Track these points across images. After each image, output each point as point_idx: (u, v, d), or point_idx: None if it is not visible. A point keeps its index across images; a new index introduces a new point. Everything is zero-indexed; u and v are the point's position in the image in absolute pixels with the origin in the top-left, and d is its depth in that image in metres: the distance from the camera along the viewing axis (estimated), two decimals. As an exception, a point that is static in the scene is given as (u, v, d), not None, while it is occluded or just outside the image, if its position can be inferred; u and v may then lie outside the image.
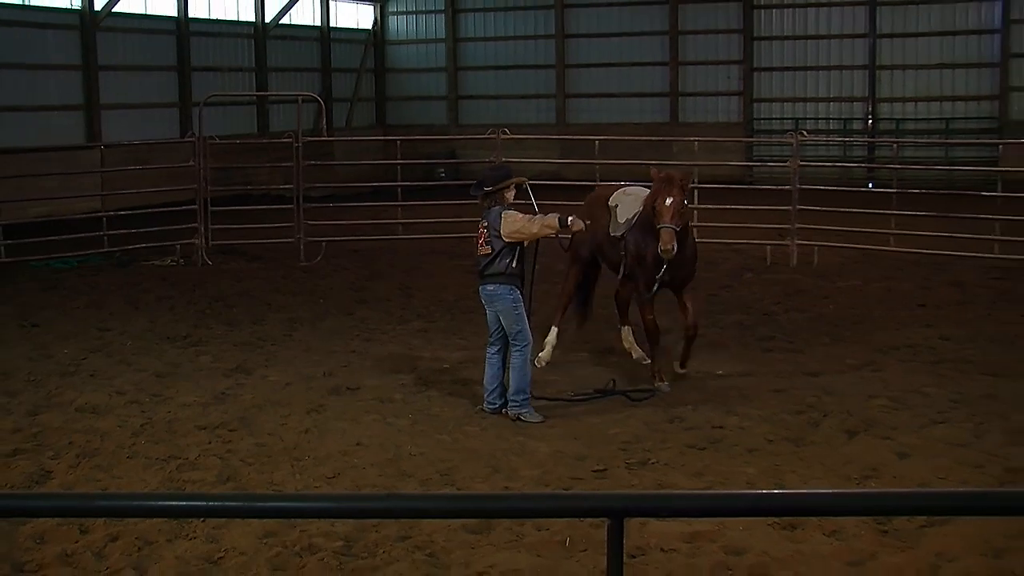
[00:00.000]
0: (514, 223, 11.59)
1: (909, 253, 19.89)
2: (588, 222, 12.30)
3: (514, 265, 11.69)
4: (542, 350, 13.30)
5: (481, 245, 11.82)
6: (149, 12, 32.13)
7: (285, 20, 36.42)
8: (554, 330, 13.56)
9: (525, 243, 11.82)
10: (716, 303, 14.04)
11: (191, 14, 33.11)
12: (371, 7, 40.95)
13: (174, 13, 32.72)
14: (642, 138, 27.62)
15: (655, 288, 12.65)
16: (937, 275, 18.82)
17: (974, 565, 8.16)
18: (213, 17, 34.31)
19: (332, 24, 39.02)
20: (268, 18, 35.86)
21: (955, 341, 14.52)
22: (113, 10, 30.12)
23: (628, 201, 13.04)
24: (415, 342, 14.96)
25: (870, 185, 29.47)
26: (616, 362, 13.62)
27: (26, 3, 28.68)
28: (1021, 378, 12.78)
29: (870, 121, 35.96)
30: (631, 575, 8.01)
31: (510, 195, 11.88)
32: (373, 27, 41.05)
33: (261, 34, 35.74)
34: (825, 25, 36.31)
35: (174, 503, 5.12)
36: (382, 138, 35.50)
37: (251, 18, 35.63)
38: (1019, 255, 19.32)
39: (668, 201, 11.98)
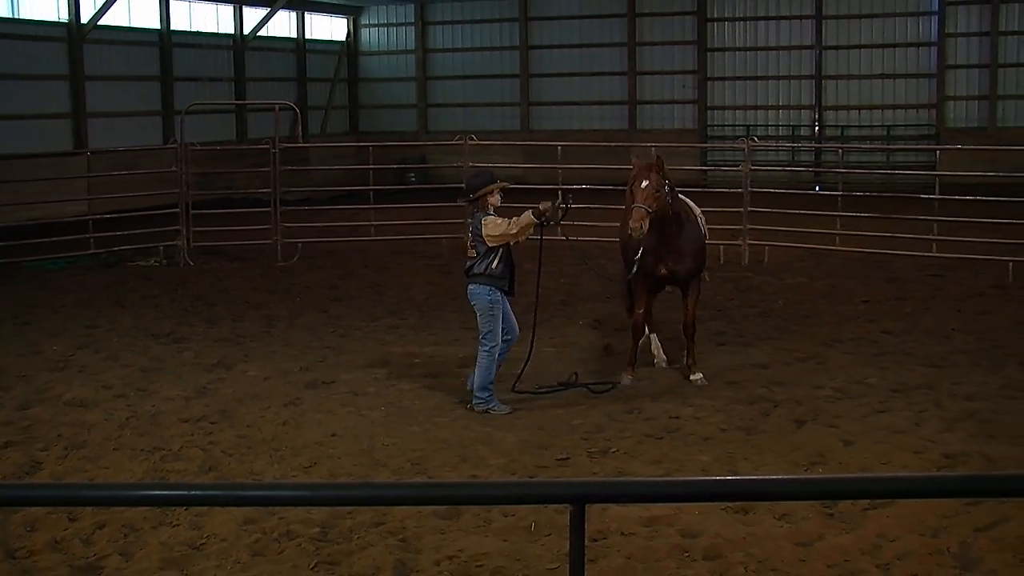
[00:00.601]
0: (495, 228, 11.50)
1: (853, 252, 19.99)
2: (568, 202, 11.85)
3: (495, 267, 11.59)
4: (657, 356, 13.23)
5: (468, 248, 11.80)
6: (133, 25, 31.94)
7: (263, 32, 36.26)
8: (653, 336, 13.40)
9: (511, 244, 11.71)
10: (671, 299, 14.08)
11: (173, 27, 32.94)
12: (345, 20, 40.82)
13: (157, 26, 32.54)
14: (602, 144, 27.69)
15: (633, 270, 12.35)
16: (879, 273, 18.92)
17: (913, 544, 8.22)
18: (194, 30, 34.13)
19: (307, 36, 38.88)
20: (247, 30, 35.69)
21: (895, 334, 14.61)
22: (99, 23, 29.94)
23: (694, 207, 12.88)
24: (387, 338, 14.94)
25: (817, 188, 29.64)
26: (578, 356, 13.64)
27: (17, 17, 28.50)
28: (957, 369, 12.87)
29: (817, 128, 36.11)
30: (593, 558, 8.03)
31: (494, 199, 11.73)
32: (347, 39, 40.92)
33: (240, 46, 35.58)
34: (774, 37, 36.46)
35: (158, 492, 5.10)
36: (355, 144, 35.36)
37: (230, 30, 35.47)
38: (955, 254, 19.46)
39: (643, 184, 11.66)
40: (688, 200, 12.98)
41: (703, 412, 11.45)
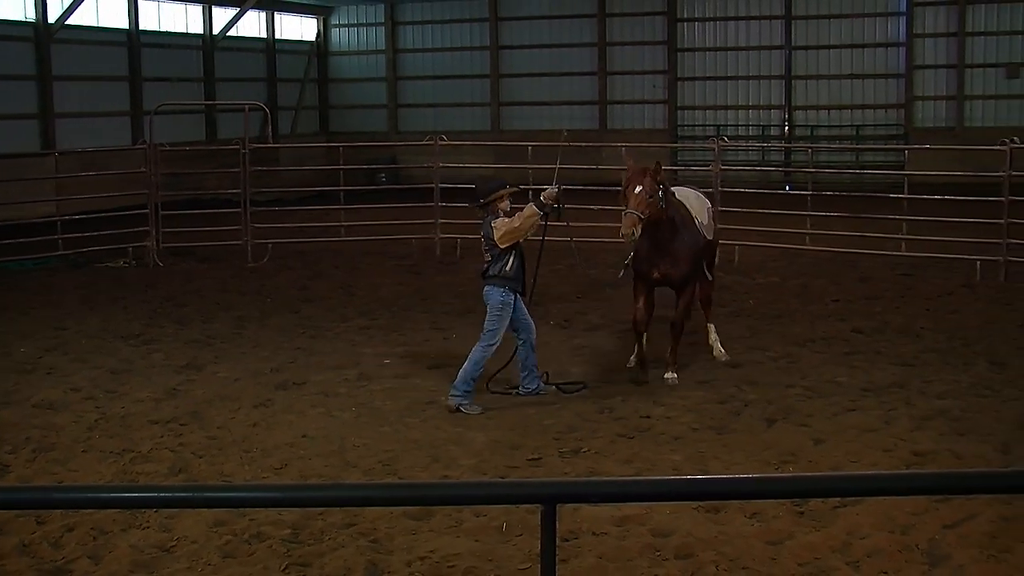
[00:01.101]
0: (501, 228, 11.58)
1: (823, 251, 20.08)
2: (557, 188, 11.83)
3: (508, 268, 11.66)
4: (717, 349, 13.31)
5: (484, 254, 11.86)
6: (101, 25, 31.75)
7: (232, 32, 36.12)
8: (710, 326, 13.56)
9: (521, 243, 11.78)
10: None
11: (142, 26, 32.77)
12: (315, 20, 40.72)
13: (125, 25, 32.37)
14: (572, 144, 27.66)
15: (620, 273, 12.58)
16: (849, 272, 19.01)
17: (882, 541, 8.26)
18: (163, 29, 33.97)
19: (277, 36, 38.77)
20: (216, 30, 35.55)
21: (865, 333, 14.68)
22: (67, 23, 29.75)
23: (695, 204, 12.89)
24: (358, 339, 14.91)
25: (787, 188, 29.81)
26: (550, 356, 13.65)
27: (-18, 17, 28.32)
28: (927, 367, 12.94)
29: (786, 128, 36.26)
30: (564, 557, 8.04)
31: (504, 204, 11.80)
32: (316, 39, 40.82)
33: (209, 46, 35.44)
34: (744, 37, 36.59)
35: (128, 494, 5.07)
36: (325, 145, 35.28)
37: (200, 30, 35.32)
38: (924, 253, 19.57)
39: (637, 189, 11.65)
40: (692, 196, 13.04)
41: (674, 411, 11.48)
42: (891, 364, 13.11)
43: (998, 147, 18.75)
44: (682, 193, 12.94)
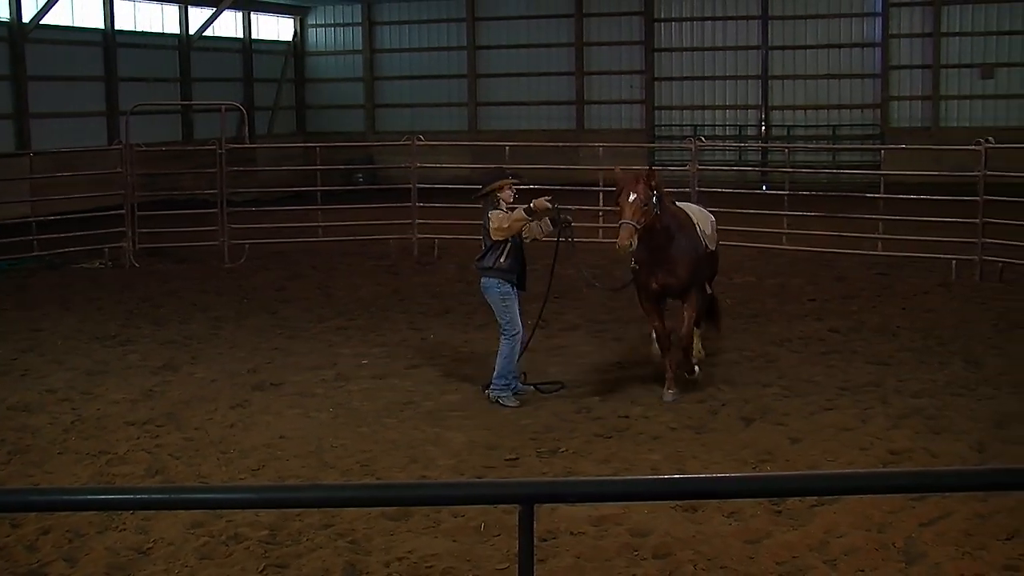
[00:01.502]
0: (494, 221, 11.67)
1: (800, 251, 20.14)
2: (553, 205, 11.74)
3: (502, 260, 11.72)
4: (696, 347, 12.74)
5: (481, 243, 11.96)
6: (77, 24, 31.60)
7: (209, 32, 36.01)
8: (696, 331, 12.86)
9: (520, 241, 11.84)
10: (621, 299, 14.15)
11: (118, 26, 32.63)
12: (291, 20, 40.64)
13: (101, 25, 32.23)
14: (550, 144, 27.73)
15: (621, 286, 12.68)
16: (825, 271, 19.08)
17: (859, 540, 8.30)
18: (139, 29, 33.84)
19: (254, 36, 38.67)
20: (192, 30, 35.43)
21: (842, 333, 14.73)
22: (41, 22, 29.60)
23: (697, 213, 12.63)
24: (335, 339, 14.88)
25: (764, 187, 29.87)
26: (527, 356, 13.64)
27: (-44, 16, 28.15)
28: (903, 366, 13.00)
29: (763, 127, 36.37)
30: (542, 557, 8.04)
31: (506, 195, 11.82)
32: (293, 39, 40.74)
33: (185, 46, 35.32)
34: (721, 38, 36.68)
35: (104, 496, 5.04)
36: (302, 145, 35.21)
37: (176, 30, 35.20)
38: (900, 252, 19.66)
39: (631, 197, 11.24)
40: (696, 209, 12.79)
41: (652, 411, 11.49)
42: (867, 363, 13.16)
43: (973, 147, 18.84)
44: (685, 207, 12.67)
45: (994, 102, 34.44)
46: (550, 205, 11.80)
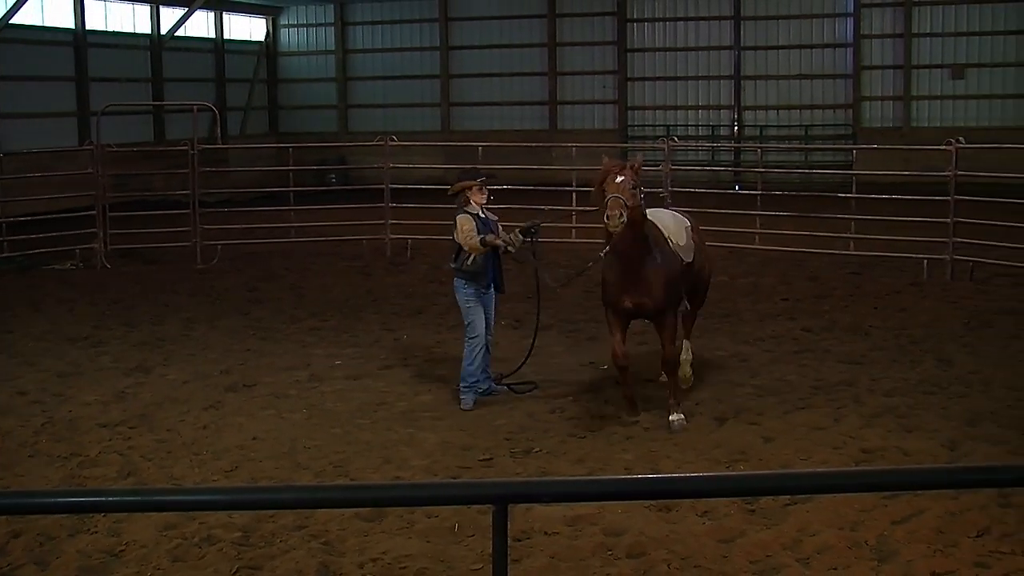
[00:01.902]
0: (459, 232, 11.61)
1: (772, 250, 20.21)
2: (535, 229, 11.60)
3: (469, 262, 11.65)
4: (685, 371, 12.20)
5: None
6: (47, 24, 31.39)
7: (180, 32, 35.83)
8: (686, 343, 12.38)
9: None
10: (592, 298, 14.17)
11: (88, 26, 32.42)
12: (263, 20, 40.49)
13: (71, 25, 32.02)
14: (523, 144, 27.72)
15: (566, 281, 12.62)
16: (798, 271, 19.15)
17: (832, 538, 8.34)
18: (110, 29, 33.65)
19: (226, 36, 38.49)
20: (164, 30, 35.24)
21: (814, 332, 14.79)
22: (10, 22, 29.38)
23: (670, 224, 11.57)
24: (308, 340, 14.85)
25: (736, 187, 29.94)
26: (501, 356, 13.65)
27: (-76, 16, 27.91)
28: (875, 365, 13.06)
29: (736, 128, 36.47)
30: (517, 557, 8.04)
31: (477, 197, 11.70)
32: (266, 39, 40.59)
33: (157, 46, 35.14)
34: (694, 38, 36.76)
35: (76, 499, 5.01)
36: (275, 145, 35.11)
37: (147, 30, 35.01)
38: (872, 251, 19.75)
39: (619, 179, 10.48)
40: (668, 216, 11.90)
41: (625, 411, 11.49)
42: (840, 362, 13.22)
43: (944, 147, 18.94)
44: (655, 215, 11.47)
45: (964, 102, 34.63)
46: (499, 242, 11.59)
